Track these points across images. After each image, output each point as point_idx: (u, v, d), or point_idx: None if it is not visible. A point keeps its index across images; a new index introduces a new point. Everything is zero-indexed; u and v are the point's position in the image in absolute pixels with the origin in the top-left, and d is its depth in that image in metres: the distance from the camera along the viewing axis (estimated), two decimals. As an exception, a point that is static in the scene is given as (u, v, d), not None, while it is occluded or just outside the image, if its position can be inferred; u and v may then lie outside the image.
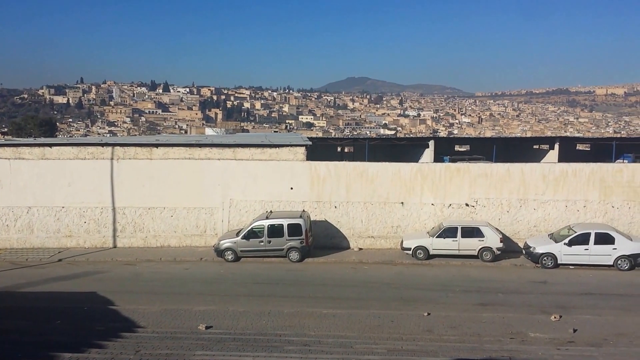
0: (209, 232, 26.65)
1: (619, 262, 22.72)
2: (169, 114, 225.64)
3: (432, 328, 15.86)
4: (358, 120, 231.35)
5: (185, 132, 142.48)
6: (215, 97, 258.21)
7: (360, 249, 26.21)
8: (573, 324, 16.07)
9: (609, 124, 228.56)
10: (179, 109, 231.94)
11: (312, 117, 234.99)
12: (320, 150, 36.99)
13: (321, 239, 26.09)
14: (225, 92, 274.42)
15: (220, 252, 24.37)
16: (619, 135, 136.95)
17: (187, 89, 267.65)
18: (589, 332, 15.53)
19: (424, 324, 16.18)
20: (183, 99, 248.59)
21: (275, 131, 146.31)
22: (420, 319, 16.67)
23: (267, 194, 26.37)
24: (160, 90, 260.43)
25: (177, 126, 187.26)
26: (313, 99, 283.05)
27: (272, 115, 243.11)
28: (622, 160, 34.72)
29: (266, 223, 24.19)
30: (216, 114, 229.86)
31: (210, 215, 26.61)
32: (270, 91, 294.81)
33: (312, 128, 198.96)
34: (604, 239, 22.85)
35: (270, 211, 25.56)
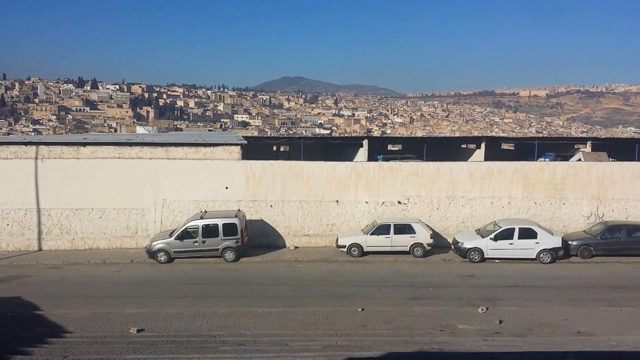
0: (141, 233, 26.08)
1: (541, 255, 23.96)
2: (97, 111, 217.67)
3: (366, 323, 16.23)
4: (294, 119, 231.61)
5: (115, 130, 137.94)
6: (146, 95, 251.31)
7: (296, 247, 26.40)
8: (499, 316, 16.82)
9: (532, 124, 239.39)
10: (108, 106, 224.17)
11: (248, 116, 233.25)
12: (256, 149, 36.86)
13: (257, 238, 26.08)
14: (158, 89, 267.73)
15: (152, 253, 23.90)
16: (541, 135, 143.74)
17: (117, 86, 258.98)
18: (514, 323, 16.31)
19: (358, 320, 16.54)
20: (113, 97, 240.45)
21: (210, 130, 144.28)
22: (355, 314, 17.02)
23: (202, 193, 26.10)
24: (89, 88, 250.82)
25: (106, 124, 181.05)
26: (248, 98, 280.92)
27: (207, 114, 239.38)
28: (543, 159, 36.52)
29: (200, 223, 23.94)
30: (148, 112, 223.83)
31: (141, 216, 26.05)
32: (204, 89, 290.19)
33: (247, 127, 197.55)
34: (527, 233, 24.04)
35: (205, 211, 25.31)
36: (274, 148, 44.71)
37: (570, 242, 24.66)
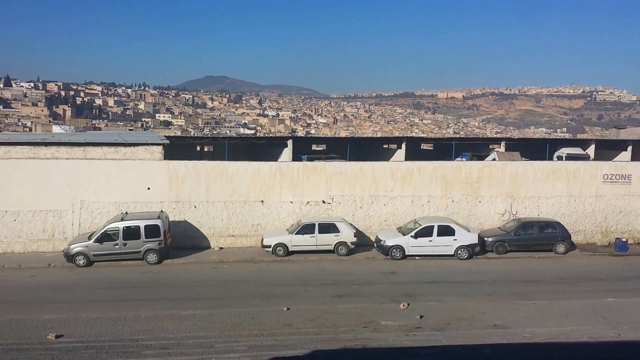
0: (58, 236, 24.91)
1: (459, 252, 24.93)
2: (11, 110, 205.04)
3: (291, 322, 16.29)
4: (217, 119, 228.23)
5: (30, 130, 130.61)
6: (63, 93, 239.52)
7: (221, 248, 26.08)
8: (420, 311, 17.32)
9: (450, 125, 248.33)
10: (22, 105, 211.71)
11: (170, 115, 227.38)
12: (179, 149, 36.12)
13: (181, 240, 25.55)
14: (75, 87, 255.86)
15: (70, 257, 22.89)
16: (458, 136, 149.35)
17: (32, 84, 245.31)
18: (434, 318, 16.85)
19: (284, 319, 16.57)
20: (27, 95, 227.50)
21: (130, 129, 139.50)
22: (280, 314, 17.04)
23: (122, 195, 25.24)
24: (1, 85, 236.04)
25: (20, 124, 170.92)
26: (171, 96, 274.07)
27: (127, 112, 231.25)
28: (460, 159, 38.05)
29: (121, 225, 23.17)
30: (65, 110, 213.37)
31: (59, 218, 24.88)
32: (124, 87, 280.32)
33: (170, 127, 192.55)
34: (446, 231, 24.94)
35: (126, 212, 24.51)
36: (198, 148, 43.92)
37: (486, 239, 25.82)
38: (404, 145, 38.99)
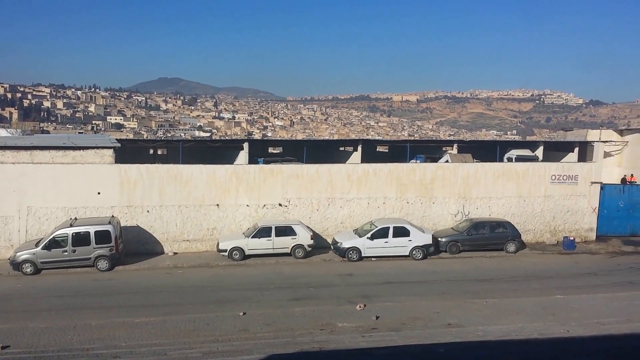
0: (4, 243, 24.00)
1: (413, 252, 25.27)
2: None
3: (247, 327, 16.14)
4: (172, 121, 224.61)
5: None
6: (9, 95, 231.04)
7: (175, 253, 25.64)
8: (376, 312, 17.45)
9: (404, 127, 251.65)
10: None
11: (122, 118, 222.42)
12: (131, 152, 35.34)
13: (133, 245, 25.00)
14: (22, 89, 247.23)
15: (16, 265, 22.07)
16: (412, 138, 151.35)
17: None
18: (390, 318, 16.99)
19: (240, 324, 16.40)
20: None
21: (80, 132, 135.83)
22: (236, 319, 16.86)
23: (72, 200, 24.51)
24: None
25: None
26: (122, 99, 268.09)
27: (77, 115, 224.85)
28: (415, 161, 38.54)
29: (70, 231, 22.50)
30: (11, 113, 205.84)
31: (4, 225, 23.97)
32: (74, 90, 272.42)
33: (122, 129, 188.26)
34: (401, 232, 25.25)
35: (75, 218, 23.82)
36: (151, 151, 43.13)
37: (440, 239, 26.26)
38: (359, 148, 39.19)
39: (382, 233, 25.07)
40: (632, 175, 44.07)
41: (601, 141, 40.30)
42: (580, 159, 39.79)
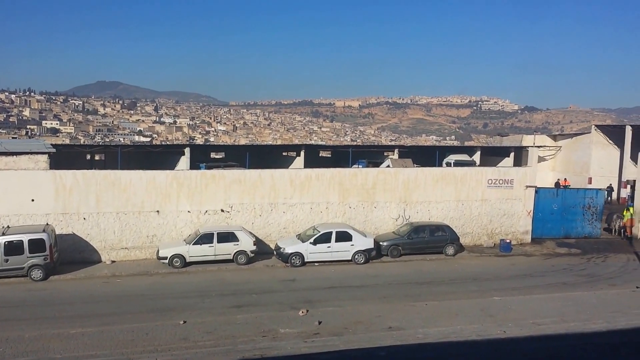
0: None
1: (356, 256, 25.46)
2: None
3: (188, 336, 15.80)
4: (110, 126, 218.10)
5: None
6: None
7: (113, 261, 24.85)
8: (318, 317, 17.44)
9: (347, 133, 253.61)
10: None
11: (59, 122, 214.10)
12: (68, 158, 34.21)
13: (69, 254, 24.06)
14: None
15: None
16: (355, 143, 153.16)
17: None
18: (332, 323, 17.00)
19: (180, 333, 16.04)
20: None
21: (14, 137, 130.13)
22: (176, 328, 16.48)
23: (3, 207, 23.37)
24: None
25: None
26: (59, 102, 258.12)
27: (10, 119, 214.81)
28: (357, 166, 39.03)
29: (2, 240, 21.47)
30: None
31: None
32: (7, 93, 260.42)
33: (58, 134, 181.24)
34: (343, 236, 25.41)
35: (8, 226, 22.75)
36: (88, 157, 41.83)
37: (381, 243, 26.58)
38: (302, 153, 39.41)
39: (324, 238, 25.15)
40: (565, 179, 46.17)
41: (535, 146, 42.08)
42: (516, 164, 41.37)
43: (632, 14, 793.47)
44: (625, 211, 32.13)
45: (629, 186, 38.73)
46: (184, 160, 35.12)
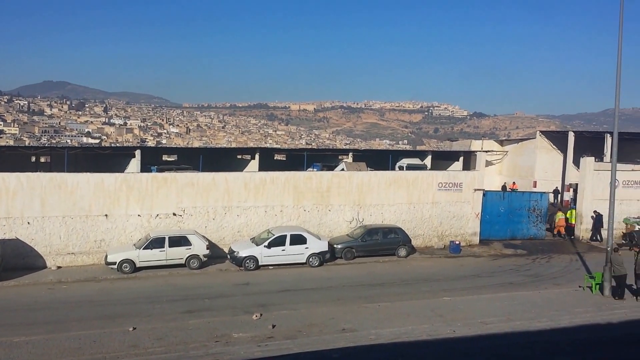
0: None
1: (310, 259, 25.51)
2: None
3: (137, 343, 15.46)
4: (57, 127, 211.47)
5: None
6: None
7: (59, 267, 24.11)
8: (272, 320, 17.35)
9: (302, 136, 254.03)
10: None
11: (2, 123, 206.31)
12: (11, 160, 33.08)
13: (12, 260, 23.16)
14: None
15: None
16: (310, 147, 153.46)
17: None
18: (286, 326, 16.96)
19: (129, 340, 15.67)
20: None
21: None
22: (126, 334, 16.10)
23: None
24: None
25: None
26: (3, 103, 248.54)
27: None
28: (312, 169, 39.14)
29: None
30: None
31: None
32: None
33: (1, 135, 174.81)
34: (298, 239, 25.42)
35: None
36: (33, 159, 40.49)
37: (335, 246, 26.73)
38: (257, 156, 39.29)
39: (279, 241, 25.10)
40: (514, 182, 47.60)
41: (483, 151, 43.19)
42: (465, 168, 42.38)
43: (574, 24, 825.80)
44: (558, 212, 33.54)
45: (571, 189, 40.29)
46: (135, 163, 34.43)
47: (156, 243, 23.93)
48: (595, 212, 31.92)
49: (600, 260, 22.12)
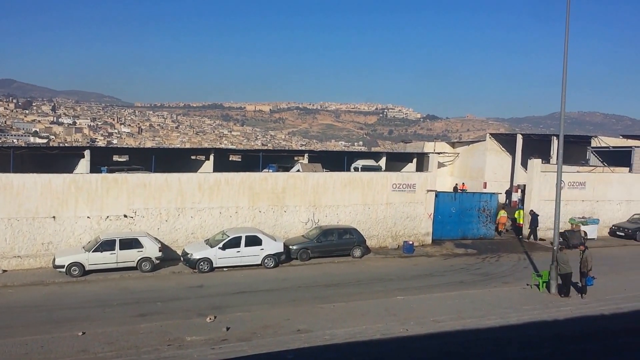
0: None
1: (265, 261, 25.43)
2: None
3: (87, 347, 15.07)
4: (2, 127, 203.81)
5: None
6: None
7: (5, 270, 23.28)
8: (226, 323, 17.23)
9: (258, 137, 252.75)
10: None
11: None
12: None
13: (-48, 264, 22.26)
14: None
15: None
16: (265, 148, 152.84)
17: None
18: (241, 328, 16.85)
19: (79, 345, 15.27)
20: None
21: None
22: (75, 339, 15.68)
23: None
24: None
25: None
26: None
27: None
28: (267, 170, 39.03)
29: None
30: None
31: None
32: None
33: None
34: (253, 241, 25.31)
35: None
36: (-24, 159, 38.84)
37: (291, 247, 26.72)
38: (212, 157, 38.84)
39: (234, 243, 24.92)
40: (463, 183, 48.71)
41: (436, 153, 43.96)
42: (418, 169, 43.04)
43: (522, 29, 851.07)
44: (500, 210, 34.79)
45: (519, 190, 41.53)
46: (84, 164, 33.51)
47: (106, 245, 23.39)
48: (531, 211, 33.19)
49: (547, 259, 22.83)
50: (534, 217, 32.83)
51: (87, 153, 33.65)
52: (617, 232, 34.78)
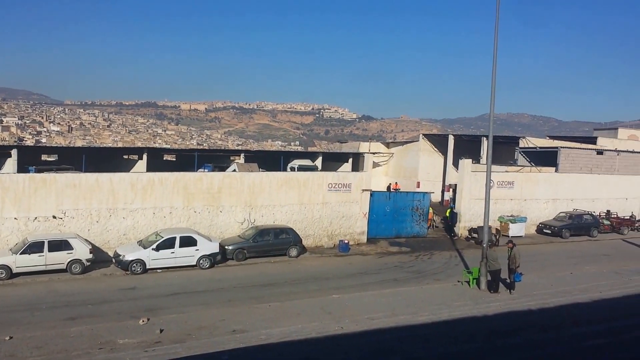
0: None
1: (201, 261, 25.24)
2: None
3: (15, 352, 14.57)
4: None
5: None
6: None
7: None
8: (160, 325, 17.04)
9: (193, 136, 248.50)
10: None
11: None
12: None
13: None
14: None
15: None
16: (201, 147, 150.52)
17: None
18: (175, 330, 16.72)
19: (6, 350, 14.73)
20: None
21: None
22: (2, 344, 15.10)
23: None
24: None
25: None
26: None
27: None
28: (203, 170, 38.63)
29: None
30: None
31: None
32: None
33: None
34: (188, 241, 25.07)
35: None
36: None
37: (227, 247, 26.64)
38: (145, 156, 38.09)
39: (168, 243, 24.60)
40: (396, 183, 49.89)
41: (371, 153, 44.80)
42: (354, 169, 43.78)
43: (451, 35, 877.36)
44: (431, 209, 36.25)
45: (451, 189, 42.99)
46: (11, 163, 32.17)
47: (34, 247, 22.59)
48: (452, 208, 34.74)
49: (478, 256, 23.74)
50: (452, 214, 35.34)
51: (14, 152, 32.35)
52: (544, 230, 36.69)
